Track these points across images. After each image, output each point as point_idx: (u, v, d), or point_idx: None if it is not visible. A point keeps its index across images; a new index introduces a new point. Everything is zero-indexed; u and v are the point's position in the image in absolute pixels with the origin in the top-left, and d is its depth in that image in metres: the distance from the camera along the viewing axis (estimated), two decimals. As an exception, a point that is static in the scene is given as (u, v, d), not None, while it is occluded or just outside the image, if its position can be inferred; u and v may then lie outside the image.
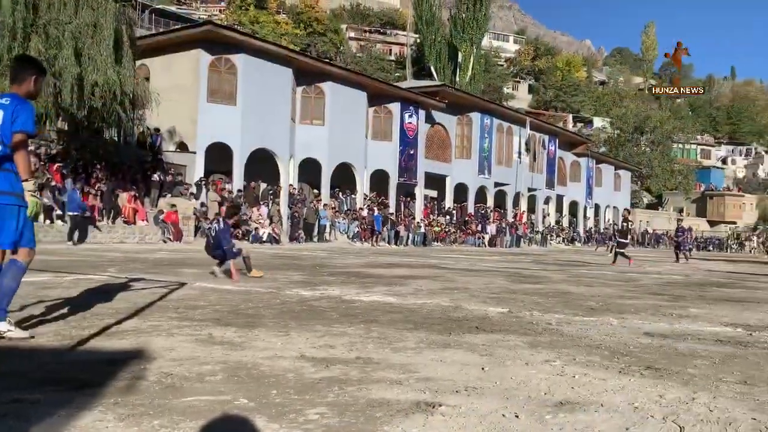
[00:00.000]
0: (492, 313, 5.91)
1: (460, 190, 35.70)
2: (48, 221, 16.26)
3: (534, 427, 2.45)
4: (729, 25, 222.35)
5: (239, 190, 23.55)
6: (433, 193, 35.56)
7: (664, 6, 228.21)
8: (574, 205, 47.62)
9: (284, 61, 25.08)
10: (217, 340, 4.06)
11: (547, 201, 43.71)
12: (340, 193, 28.16)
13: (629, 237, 17.73)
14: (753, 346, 4.55)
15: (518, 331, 4.82)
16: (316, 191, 27.43)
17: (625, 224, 17.74)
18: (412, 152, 31.21)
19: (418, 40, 54.75)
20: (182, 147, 23.53)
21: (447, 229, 31.64)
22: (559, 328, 5.11)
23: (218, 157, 23.53)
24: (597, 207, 50.02)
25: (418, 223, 29.34)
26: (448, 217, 33.51)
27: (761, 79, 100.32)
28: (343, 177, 28.43)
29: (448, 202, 34.96)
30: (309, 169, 27.10)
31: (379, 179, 30.18)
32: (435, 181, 34.67)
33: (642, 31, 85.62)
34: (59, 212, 16.68)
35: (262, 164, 24.90)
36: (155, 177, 20.86)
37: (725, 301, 7.89)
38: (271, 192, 24.50)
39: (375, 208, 28.14)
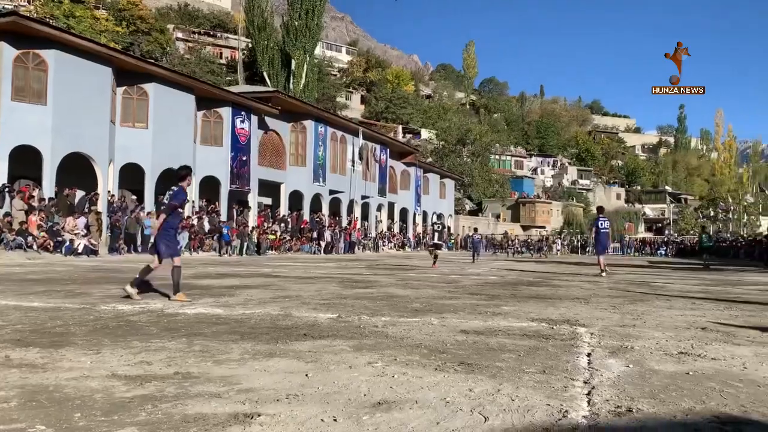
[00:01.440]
0: (321, 319, 5.96)
1: (296, 198, 35.59)
2: None
3: (351, 428, 2.50)
4: (539, 48, 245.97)
5: (51, 198, 21.43)
6: (268, 201, 35.08)
7: (482, 27, 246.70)
8: (404, 212, 49.63)
9: (103, 59, 23.29)
10: (15, 363, 3.66)
11: (379, 208, 45.08)
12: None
13: (442, 239, 19.71)
14: (553, 338, 5.05)
15: (345, 336, 4.90)
16: (134, 197, 25.77)
17: (437, 228, 19.85)
18: (244, 159, 30.54)
19: (250, 45, 53.82)
20: (-20, 149, 20.93)
21: (282, 237, 31.37)
22: (384, 330, 5.28)
23: (25, 161, 21.22)
24: (425, 213, 52.60)
25: (251, 231, 28.76)
26: (283, 224, 33.23)
27: (565, 97, 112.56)
28: (170, 183, 26.95)
29: (283, 210, 34.69)
30: (131, 175, 25.41)
31: (209, 186, 29.10)
32: (269, 189, 34.22)
33: (463, 49, 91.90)
34: None
35: (78, 170, 22.88)
36: (-55, 183, 18.35)
37: (533, 299, 8.67)
38: (87, 200, 22.60)
39: (205, 217, 27.13)
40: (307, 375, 3.44)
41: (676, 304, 8.29)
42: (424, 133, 70.39)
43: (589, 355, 4.30)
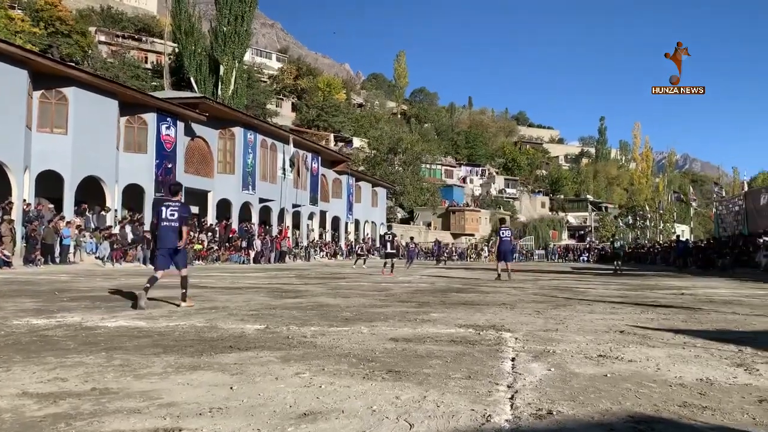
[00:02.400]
0: (249, 330, 5.85)
1: (224, 206, 34.86)
2: None
3: (276, 441, 2.46)
4: (467, 60, 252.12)
5: (-42, 207, 20.17)
6: (195, 209, 34.19)
7: (413, 38, 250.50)
8: (336, 221, 49.51)
9: (18, 61, 22.14)
10: None
11: (311, 216, 44.77)
12: (87, 210, 25.64)
13: (394, 248, 20.60)
14: (479, 344, 5.14)
15: (273, 347, 4.83)
16: (51, 206, 24.54)
17: (387, 237, 20.81)
18: (170, 166, 29.69)
19: (177, 50, 52.50)
20: None
21: (210, 247, 30.63)
22: (313, 340, 5.24)
23: (-71, 167, 19.92)
24: (357, 222, 52.65)
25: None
26: (210, 234, 32.45)
27: (493, 108, 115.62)
28: (91, 192, 25.95)
29: (211, 219, 33.90)
30: (49, 183, 24.22)
31: (133, 194, 28.11)
32: (196, 197, 33.36)
33: (394, 59, 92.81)
34: None
35: (-10, 177, 21.67)
36: None
37: (462, 305, 8.80)
38: (0, 209, 21.36)
39: (128, 227, 26.17)
40: (232, 388, 3.37)
41: (596, 308, 8.61)
42: (356, 142, 70.54)
43: (513, 359, 4.41)
